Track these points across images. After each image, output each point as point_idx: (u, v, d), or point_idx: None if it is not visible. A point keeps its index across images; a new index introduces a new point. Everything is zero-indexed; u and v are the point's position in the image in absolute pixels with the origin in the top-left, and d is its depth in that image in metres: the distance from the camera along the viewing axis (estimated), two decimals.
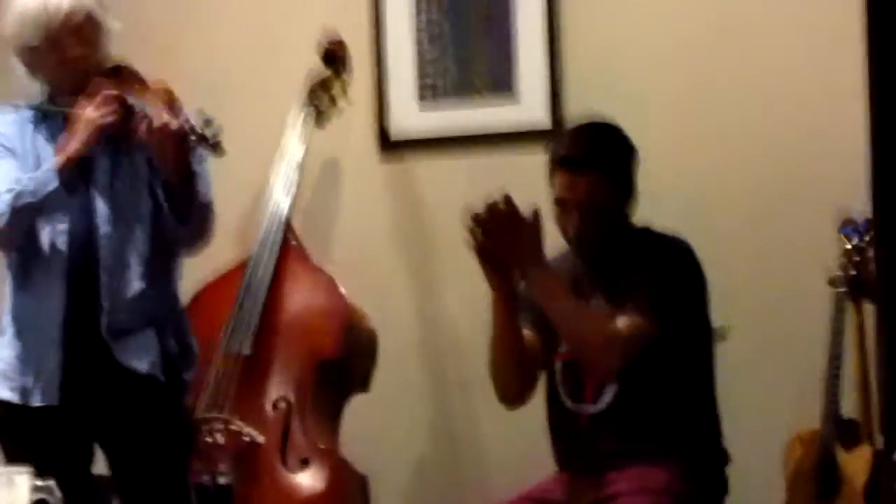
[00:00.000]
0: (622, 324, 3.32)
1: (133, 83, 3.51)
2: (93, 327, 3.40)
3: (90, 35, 3.46)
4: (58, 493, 2.23)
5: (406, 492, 4.45)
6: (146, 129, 3.35)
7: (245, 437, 3.91)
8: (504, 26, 4.37)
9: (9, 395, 3.44)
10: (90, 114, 3.39)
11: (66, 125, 3.46)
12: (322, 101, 4.37)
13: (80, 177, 3.42)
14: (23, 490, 2.18)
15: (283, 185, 4.26)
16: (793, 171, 4.10)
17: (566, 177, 3.41)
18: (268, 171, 4.34)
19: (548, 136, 4.03)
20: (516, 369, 3.48)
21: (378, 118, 4.49)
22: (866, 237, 3.68)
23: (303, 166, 4.31)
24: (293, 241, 4.22)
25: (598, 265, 3.47)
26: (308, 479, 3.87)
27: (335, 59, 4.39)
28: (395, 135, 4.48)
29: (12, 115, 3.54)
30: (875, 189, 2.19)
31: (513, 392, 3.52)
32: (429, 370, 4.45)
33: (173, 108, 3.42)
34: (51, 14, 3.41)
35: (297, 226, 4.31)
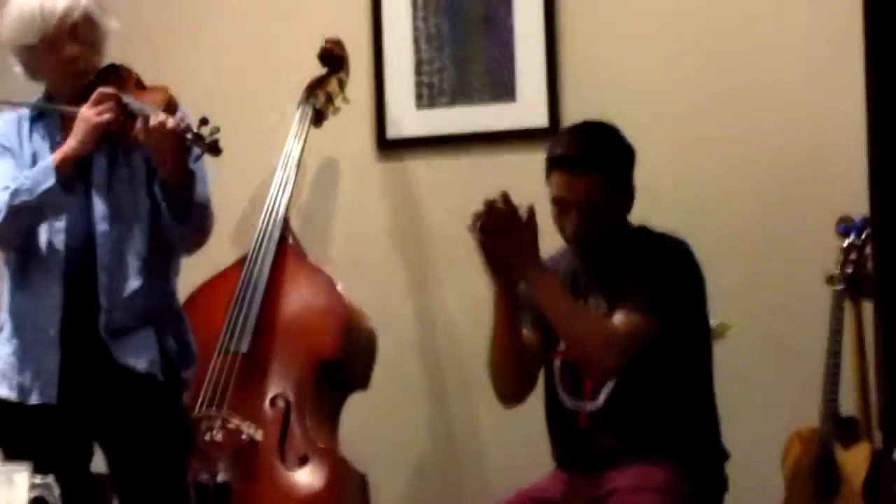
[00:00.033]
0: (620, 323, 3.32)
1: (130, 83, 3.50)
2: (91, 326, 3.39)
3: (87, 35, 3.46)
4: (56, 490, 2.23)
5: (405, 490, 4.44)
6: (143, 129, 3.34)
7: (243, 435, 3.90)
8: (502, 26, 4.38)
9: (7, 394, 3.44)
10: (86, 112, 3.39)
11: (63, 124, 3.46)
12: (319, 100, 4.36)
13: (78, 176, 3.41)
14: (22, 487, 2.18)
15: (281, 183, 4.25)
16: (791, 172, 4.11)
17: (563, 176, 3.41)
18: (265, 171, 4.34)
19: (546, 136, 4.03)
20: (516, 368, 3.48)
21: (376, 117, 4.48)
22: (864, 235, 3.68)
23: (300, 165, 4.30)
24: (290, 240, 4.21)
25: (597, 264, 3.47)
26: (307, 477, 3.86)
27: (332, 57, 4.39)
28: (392, 134, 4.48)
29: (9, 114, 3.54)
30: (873, 187, 2.19)
31: (511, 390, 3.52)
32: (427, 368, 4.45)
33: (170, 107, 3.42)
34: (47, 14, 3.41)
35: (295, 225, 4.31)
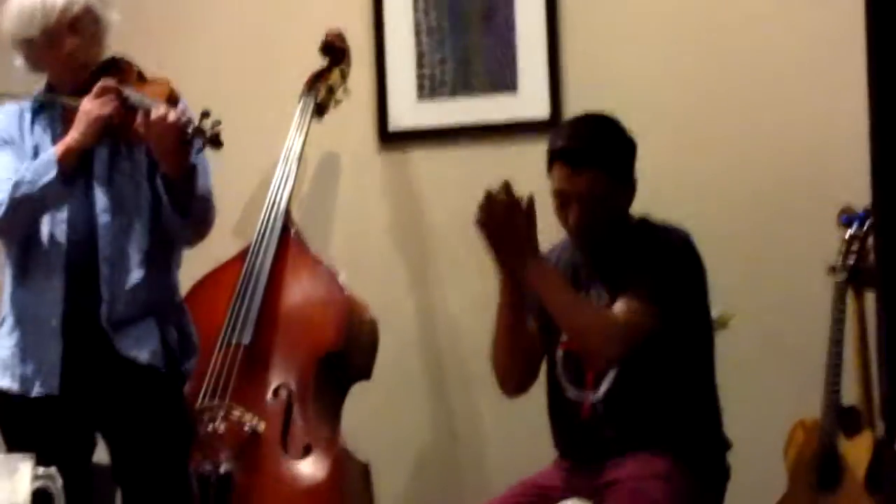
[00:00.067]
0: (620, 312, 3.32)
1: (131, 76, 3.51)
2: (93, 318, 3.40)
3: (88, 28, 3.46)
4: (59, 480, 2.23)
5: (407, 485, 4.45)
6: (144, 122, 3.34)
7: (246, 426, 3.90)
8: (503, 18, 4.37)
9: (9, 385, 3.44)
10: (88, 105, 3.39)
11: (64, 117, 3.46)
12: (320, 93, 4.36)
13: (79, 168, 3.42)
14: (25, 478, 2.19)
15: (282, 175, 4.25)
16: (791, 170, 4.11)
17: (564, 170, 3.40)
18: (267, 163, 4.33)
19: (547, 128, 4.03)
20: (519, 358, 3.48)
21: (377, 110, 4.48)
22: (866, 226, 3.68)
23: (302, 158, 4.30)
24: (292, 232, 4.21)
25: (598, 255, 3.46)
26: (309, 468, 3.86)
27: (334, 49, 4.38)
28: (393, 126, 4.48)
29: (11, 106, 3.54)
30: (875, 176, 2.19)
31: (514, 380, 3.52)
32: (427, 360, 4.45)
33: (171, 100, 3.42)
34: (48, 7, 3.41)
35: (297, 217, 4.31)
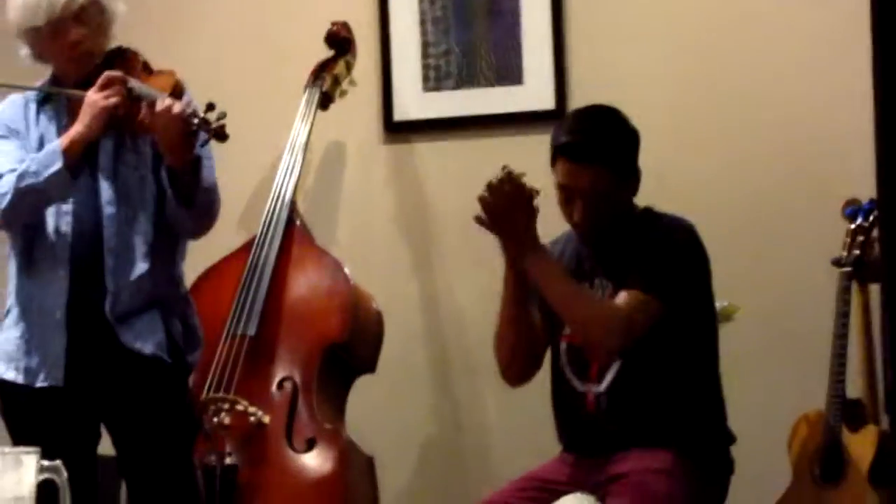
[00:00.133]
0: (622, 303, 3.32)
1: (137, 67, 3.50)
2: (97, 309, 3.39)
3: (93, 18, 3.45)
4: (65, 473, 2.23)
5: (411, 473, 4.45)
6: (149, 114, 3.34)
7: (251, 418, 3.90)
8: (509, 9, 4.37)
9: (14, 376, 3.44)
10: (93, 96, 3.38)
11: (70, 107, 3.46)
12: (326, 83, 4.35)
13: (84, 160, 3.41)
14: (30, 470, 2.19)
15: (288, 167, 4.25)
16: (797, 158, 4.11)
17: (568, 165, 3.39)
18: (272, 154, 4.33)
19: (553, 119, 4.02)
20: (521, 349, 3.48)
21: (382, 100, 4.48)
22: (871, 218, 3.67)
23: (307, 148, 4.30)
24: (298, 223, 4.21)
25: (601, 247, 3.46)
26: (314, 460, 3.86)
27: (339, 40, 4.38)
28: (399, 117, 4.47)
29: (16, 97, 3.53)
30: (881, 168, 2.19)
31: (516, 369, 3.52)
32: (432, 352, 4.45)
33: (177, 92, 3.41)
34: None
35: (302, 208, 4.30)
